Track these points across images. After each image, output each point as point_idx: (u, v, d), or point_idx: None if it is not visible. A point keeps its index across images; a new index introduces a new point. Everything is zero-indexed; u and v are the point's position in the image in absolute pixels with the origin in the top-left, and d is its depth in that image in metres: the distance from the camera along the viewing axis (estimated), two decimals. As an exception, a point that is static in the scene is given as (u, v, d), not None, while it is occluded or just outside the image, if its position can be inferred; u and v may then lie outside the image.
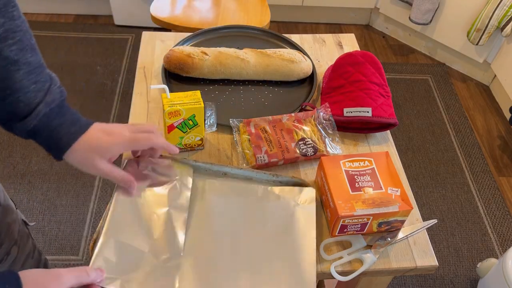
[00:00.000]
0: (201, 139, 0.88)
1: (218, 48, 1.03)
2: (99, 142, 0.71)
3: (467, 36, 2.25)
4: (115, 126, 0.74)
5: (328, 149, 0.89)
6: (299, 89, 1.04)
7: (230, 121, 0.91)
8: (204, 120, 0.85)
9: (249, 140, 0.88)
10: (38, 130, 0.69)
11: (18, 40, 0.65)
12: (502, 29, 2.12)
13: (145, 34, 1.14)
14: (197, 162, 0.84)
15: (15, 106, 0.66)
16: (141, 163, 0.78)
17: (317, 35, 1.20)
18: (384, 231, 0.78)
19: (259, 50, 1.03)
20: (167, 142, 0.77)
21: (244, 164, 0.86)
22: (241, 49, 1.04)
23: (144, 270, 0.68)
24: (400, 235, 0.78)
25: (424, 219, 0.80)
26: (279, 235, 0.74)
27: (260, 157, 0.85)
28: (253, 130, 0.89)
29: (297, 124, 0.90)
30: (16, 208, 0.89)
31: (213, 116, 0.91)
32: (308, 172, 0.87)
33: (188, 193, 0.76)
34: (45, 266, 1.05)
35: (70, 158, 0.71)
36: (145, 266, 0.68)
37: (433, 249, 0.78)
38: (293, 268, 0.70)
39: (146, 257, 0.69)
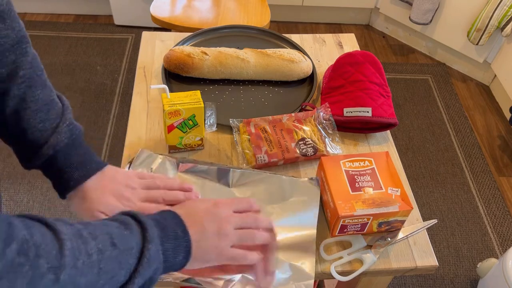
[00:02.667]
0: (201, 139, 0.88)
1: (218, 48, 1.03)
2: (104, 203, 0.68)
3: (467, 36, 2.25)
4: (126, 187, 0.70)
5: (328, 149, 0.89)
6: (299, 89, 1.04)
7: (230, 121, 0.91)
8: (204, 120, 0.85)
9: (249, 140, 0.88)
10: (44, 169, 0.68)
11: (27, 78, 0.63)
12: (502, 29, 2.12)
13: (145, 34, 1.14)
14: (197, 161, 0.84)
15: (23, 146, 0.66)
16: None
17: (317, 35, 1.20)
18: (384, 231, 0.78)
19: (259, 50, 1.03)
20: (184, 186, 0.74)
21: (244, 164, 0.86)
22: (241, 49, 1.04)
23: None
24: (400, 235, 0.78)
25: (424, 219, 0.80)
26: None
27: (260, 157, 0.85)
28: (253, 130, 0.89)
29: (297, 124, 0.90)
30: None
31: (213, 116, 0.91)
32: (308, 172, 0.87)
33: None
34: None
35: (71, 205, 0.70)
36: None
37: (433, 249, 0.78)
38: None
39: None
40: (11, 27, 0.60)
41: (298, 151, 0.87)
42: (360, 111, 0.91)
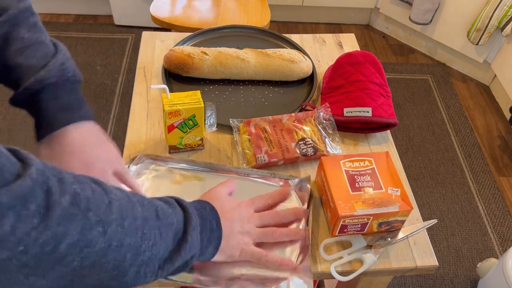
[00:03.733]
0: (201, 139, 0.88)
1: (218, 48, 1.03)
2: (73, 163, 0.63)
3: (467, 36, 2.25)
4: (98, 155, 0.66)
5: (328, 149, 0.89)
6: (299, 89, 1.04)
7: (230, 121, 0.91)
8: (204, 120, 0.85)
9: (249, 140, 0.88)
10: (29, 105, 0.64)
11: (12, 17, 0.63)
12: (502, 29, 2.12)
13: (145, 34, 1.14)
14: (195, 162, 0.84)
15: (9, 83, 0.64)
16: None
17: (317, 35, 1.20)
18: (384, 231, 0.78)
19: (259, 50, 1.03)
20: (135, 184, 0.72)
21: (244, 164, 0.86)
22: (241, 49, 1.04)
23: None
24: (400, 235, 0.78)
25: (424, 219, 0.80)
26: None
27: (260, 157, 0.85)
28: (253, 130, 0.89)
29: (297, 124, 0.90)
30: None
31: (213, 116, 0.91)
32: (308, 172, 0.87)
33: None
34: None
35: (41, 147, 0.65)
36: None
37: (433, 249, 0.78)
38: None
39: None
40: None
41: (298, 151, 0.87)
42: (360, 111, 0.91)
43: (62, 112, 0.64)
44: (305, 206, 0.80)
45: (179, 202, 0.59)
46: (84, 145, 0.65)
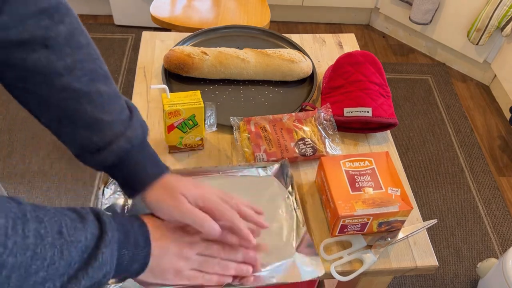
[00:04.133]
0: (201, 139, 0.88)
1: (218, 48, 1.03)
2: (182, 185, 0.64)
3: (467, 36, 2.25)
4: (203, 184, 0.68)
5: (328, 149, 0.89)
6: (299, 89, 1.04)
7: (231, 119, 0.91)
8: (204, 120, 0.85)
9: (248, 138, 0.88)
10: (116, 166, 0.64)
11: (88, 70, 0.60)
12: (502, 29, 2.12)
13: (145, 34, 1.14)
14: (188, 170, 0.83)
15: (88, 139, 0.62)
16: None
17: (317, 35, 1.20)
18: (384, 231, 0.78)
19: (259, 50, 1.03)
20: (247, 232, 0.67)
21: (243, 162, 0.86)
22: (241, 49, 1.04)
23: None
24: (400, 235, 0.78)
25: (424, 219, 0.80)
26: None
27: (259, 155, 0.85)
28: (253, 129, 0.89)
29: (297, 124, 0.90)
30: None
31: (213, 116, 0.91)
32: (308, 172, 0.87)
33: None
34: None
35: (146, 200, 0.65)
36: None
37: (433, 249, 0.78)
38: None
39: None
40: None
41: (297, 151, 0.87)
42: (360, 111, 0.91)
43: (153, 167, 0.65)
44: (289, 189, 0.81)
45: (98, 216, 0.55)
46: (185, 180, 0.66)
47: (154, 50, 1.10)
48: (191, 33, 1.12)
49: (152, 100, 0.98)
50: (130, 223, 0.59)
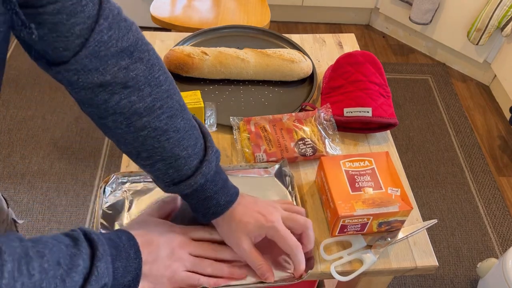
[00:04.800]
0: (201, 139, 0.88)
1: (218, 48, 1.03)
2: (248, 222, 0.67)
3: (467, 36, 2.25)
4: (266, 204, 0.70)
5: (328, 149, 0.89)
6: (299, 89, 1.04)
7: (231, 119, 0.91)
8: (204, 120, 0.85)
9: (248, 138, 0.88)
10: (189, 196, 0.66)
11: (166, 108, 0.60)
12: (502, 29, 2.12)
13: (145, 34, 1.14)
14: None
15: (165, 173, 0.63)
16: None
17: (317, 35, 1.20)
18: (384, 231, 0.78)
19: (259, 50, 1.03)
20: (313, 240, 0.71)
21: (243, 163, 0.86)
22: (241, 49, 1.04)
23: None
24: (400, 235, 0.78)
25: (424, 219, 0.80)
26: None
27: (259, 155, 0.85)
28: (253, 129, 0.89)
29: (297, 124, 0.90)
30: (8, 207, 0.87)
31: (213, 116, 0.91)
32: (308, 172, 0.87)
33: None
34: None
35: (218, 229, 0.69)
36: None
37: (433, 249, 0.78)
38: None
39: None
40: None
41: (297, 151, 0.87)
42: (360, 111, 0.91)
43: (223, 197, 0.66)
44: (289, 189, 0.81)
45: (87, 235, 0.55)
46: (249, 208, 0.68)
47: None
48: (191, 33, 1.12)
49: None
50: (118, 237, 0.60)
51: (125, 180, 0.80)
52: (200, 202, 0.66)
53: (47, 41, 0.50)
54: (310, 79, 1.06)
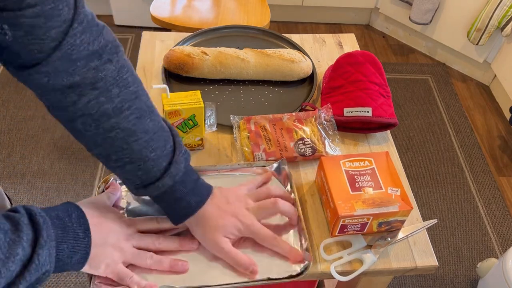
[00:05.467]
0: (201, 139, 0.88)
1: (218, 48, 1.03)
2: (225, 225, 0.68)
3: (467, 36, 2.25)
4: (232, 194, 0.71)
5: (328, 150, 0.89)
6: (299, 89, 1.04)
7: (231, 118, 0.91)
8: (204, 120, 0.85)
9: (248, 137, 0.88)
10: (159, 198, 0.67)
11: (134, 108, 0.61)
12: (502, 29, 2.12)
13: (145, 34, 1.14)
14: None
15: (135, 175, 0.64)
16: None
17: (317, 35, 1.20)
18: (384, 231, 0.78)
19: (259, 50, 1.03)
20: (293, 209, 0.74)
21: (242, 161, 0.86)
22: (241, 49, 1.04)
23: None
24: (400, 235, 0.78)
25: (424, 219, 0.80)
26: None
27: (258, 154, 0.85)
28: (252, 128, 0.89)
29: (297, 124, 0.90)
30: (11, 205, 0.88)
31: (213, 116, 0.91)
32: (308, 172, 0.87)
33: None
34: None
35: (190, 230, 0.69)
36: None
37: (433, 249, 0.78)
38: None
39: None
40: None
41: (296, 151, 0.87)
42: (360, 111, 0.91)
43: (193, 197, 0.67)
44: (288, 188, 0.81)
45: (32, 216, 0.54)
46: (222, 210, 0.69)
47: (154, 50, 1.10)
48: (191, 33, 1.12)
49: (152, 100, 0.98)
50: (68, 215, 0.59)
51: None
52: (170, 204, 0.67)
53: (21, 44, 0.50)
54: (310, 79, 1.06)
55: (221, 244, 0.67)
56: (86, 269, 0.61)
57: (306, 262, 0.70)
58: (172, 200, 0.66)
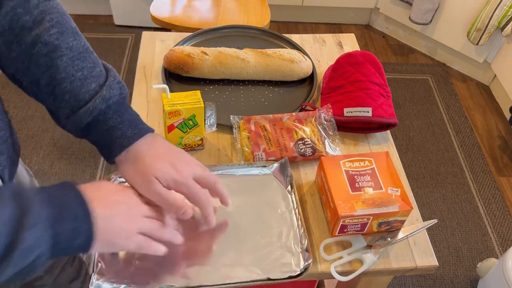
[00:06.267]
0: (201, 139, 0.88)
1: (218, 48, 1.03)
2: (159, 169, 0.61)
3: (467, 36, 2.25)
4: (180, 156, 0.65)
5: (328, 150, 0.89)
6: (299, 89, 1.04)
7: (231, 118, 0.91)
8: (204, 120, 0.85)
9: (248, 137, 0.88)
10: (91, 127, 0.61)
11: (56, 22, 0.58)
12: (502, 29, 2.12)
13: (145, 34, 1.14)
14: None
15: (63, 99, 0.59)
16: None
17: (317, 35, 1.20)
18: (384, 231, 0.78)
19: (259, 50, 1.03)
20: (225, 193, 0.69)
21: (242, 161, 0.86)
22: (241, 49, 1.04)
23: None
24: (400, 235, 0.78)
25: (424, 219, 0.80)
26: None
27: (258, 154, 0.85)
28: (252, 128, 0.89)
29: (297, 124, 0.90)
30: (33, 177, 0.85)
31: (213, 116, 0.91)
32: (308, 172, 0.87)
33: None
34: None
35: (121, 168, 0.63)
36: None
37: (433, 249, 0.78)
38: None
39: None
40: None
41: (296, 151, 0.87)
42: (360, 111, 0.91)
43: (130, 129, 0.62)
44: (288, 188, 0.81)
45: (19, 193, 0.49)
46: (160, 154, 0.63)
47: (154, 50, 1.10)
48: (191, 33, 1.12)
49: (152, 100, 0.98)
50: (64, 194, 0.53)
51: (124, 180, 0.80)
52: (103, 135, 0.61)
53: None
54: (310, 79, 1.06)
55: (155, 184, 0.60)
56: (104, 249, 0.57)
57: (306, 262, 0.70)
58: (105, 129, 0.61)
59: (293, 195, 0.80)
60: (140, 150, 0.62)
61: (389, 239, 0.76)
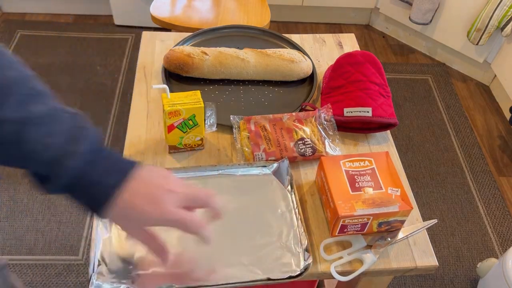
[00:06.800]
0: (201, 139, 0.88)
1: (218, 48, 1.03)
2: (138, 212, 0.53)
3: (467, 36, 2.25)
4: (164, 190, 0.55)
5: (328, 150, 0.89)
6: (299, 89, 1.04)
7: (231, 118, 0.91)
8: (204, 120, 0.85)
9: (248, 137, 0.88)
10: (71, 187, 0.53)
11: (14, 95, 0.49)
12: (502, 29, 2.12)
13: (145, 34, 1.14)
14: (187, 169, 0.83)
15: (36, 169, 0.52)
16: None
17: (317, 35, 1.20)
18: (384, 231, 0.78)
19: (259, 50, 1.03)
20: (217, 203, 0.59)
21: (242, 161, 0.86)
22: (241, 49, 1.04)
23: None
24: (400, 235, 0.78)
25: (424, 219, 0.80)
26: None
27: (258, 154, 0.85)
28: (253, 128, 0.89)
29: (298, 124, 0.90)
30: None
31: (213, 116, 0.91)
32: (308, 172, 0.87)
33: None
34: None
35: (111, 219, 0.55)
36: None
37: (433, 249, 0.78)
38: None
39: None
40: None
41: (296, 151, 0.87)
42: (360, 111, 0.91)
43: (109, 177, 0.54)
44: (288, 188, 0.81)
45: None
46: (136, 203, 0.54)
47: (154, 50, 1.10)
48: (191, 33, 1.12)
49: (152, 100, 0.98)
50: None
51: None
52: (85, 191, 0.54)
53: None
54: (310, 79, 1.06)
55: (142, 232, 0.57)
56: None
57: (306, 262, 0.70)
58: (84, 186, 0.55)
59: (293, 195, 0.80)
60: (120, 204, 0.54)
61: (389, 239, 0.76)
